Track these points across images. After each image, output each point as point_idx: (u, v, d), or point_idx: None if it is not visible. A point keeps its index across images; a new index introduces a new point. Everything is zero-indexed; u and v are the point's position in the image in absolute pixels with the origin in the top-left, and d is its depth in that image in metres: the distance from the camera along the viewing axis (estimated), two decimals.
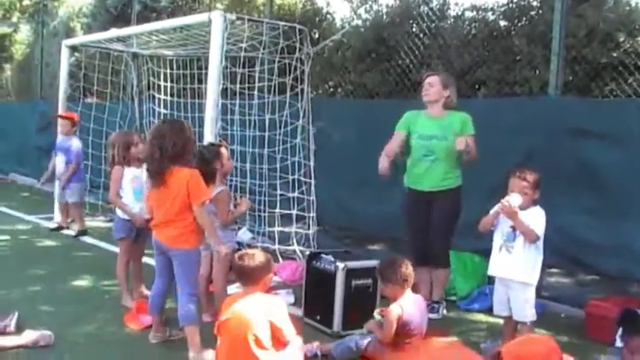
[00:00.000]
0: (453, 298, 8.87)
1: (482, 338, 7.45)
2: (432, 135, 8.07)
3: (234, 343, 5.50)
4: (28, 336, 6.91)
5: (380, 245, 11.47)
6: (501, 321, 7.09)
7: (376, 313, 6.86)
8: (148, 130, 13.19)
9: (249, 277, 5.72)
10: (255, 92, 10.69)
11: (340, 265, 7.29)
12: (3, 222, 13.96)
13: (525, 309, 6.67)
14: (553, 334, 7.49)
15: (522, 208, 6.52)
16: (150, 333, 7.18)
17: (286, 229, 10.61)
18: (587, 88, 10.64)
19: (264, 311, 5.52)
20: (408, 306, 6.59)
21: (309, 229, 10.37)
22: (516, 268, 6.60)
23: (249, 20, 9.95)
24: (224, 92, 10.13)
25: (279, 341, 5.58)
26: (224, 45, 9.30)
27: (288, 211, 10.57)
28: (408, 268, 6.68)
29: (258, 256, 5.78)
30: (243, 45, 9.85)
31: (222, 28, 9.29)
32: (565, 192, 8.66)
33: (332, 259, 7.48)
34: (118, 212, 8.46)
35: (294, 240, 10.42)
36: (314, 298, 7.72)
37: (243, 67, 10.55)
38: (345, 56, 14.01)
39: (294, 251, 10.24)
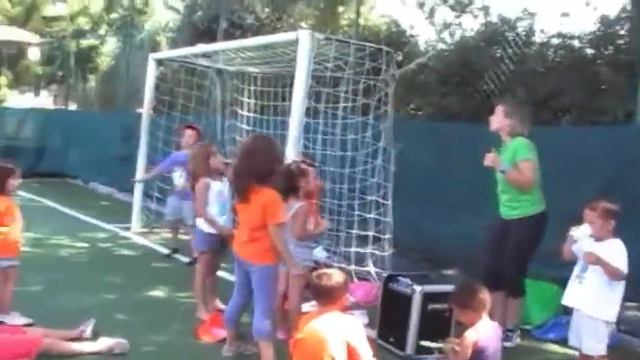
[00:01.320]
0: (528, 326, 8.73)
1: None
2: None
3: None
4: (104, 343, 7.04)
5: (455, 269, 11.35)
6: (576, 352, 6.94)
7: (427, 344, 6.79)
8: (228, 145, 13.34)
9: (326, 296, 5.69)
10: (339, 112, 10.67)
11: (417, 288, 7.28)
12: (82, 229, 14.18)
13: (591, 342, 6.53)
14: None
15: (597, 239, 6.43)
16: (223, 346, 7.22)
17: (362, 250, 10.56)
18: None
19: (341, 331, 5.49)
20: (485, 332, 6.51)
21: (385, 250, 10.31)
22: (586, 300, 6.50)
23: (336, 40, 9.96)
24: (308, 111, 10.17)
25: None
26: (310, 64, 9.35)
27: (365, 232, 10.52)
28: (485, 294, 6.60)
29: (335, 276, 5.75)
30: (329, 65, 9.85)
31: (309, 47, 9.35)
32: None
33: (409, 282, 7.47)
34: (201, 225, 8.52)
35: (370, 261, 10.37)
36: (389, 320, 7.69)
37: (328, 86, 10.56)
38: (428, 79, 13.98)
39: (369, 272, 10.18)
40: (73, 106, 29.49)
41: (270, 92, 12.89)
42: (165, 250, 12.21)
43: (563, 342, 7.93)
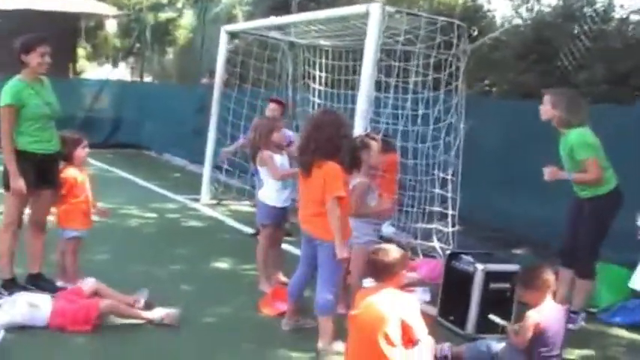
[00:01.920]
0: (594, 310, 8.51)
1: (621, 354, 7.14)
2: (561, 154, 7.88)
3: (363, 338, 5.43)
4: (157, 313, 7.10)
5: (524, 249, 11.13)
6: None
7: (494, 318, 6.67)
8: (299, 119, 13.30)
9: (382, 272, 5.61)
10: (410, 86, 10.51)
11: (480, 266, 7.14)
12: (152, 200, 14.32)
13: None
14: None
15: None
16: (283, 319, 7.21)
17: (428, 226, 10.45)
18: None
19: (397, 308, 5.41)
20: (547, 313, 6.39)
21: (452, 227, 10.18)
22: None
23: (407, 14, 9.82)
24: (378, 85, 10.06)
25: (409, 339, 5.44)
26: (380, 37, 9.25)
27: (432, 208, 10.41)
28: (550, 275, 6.47)
29: (392, 252, 5.66)
30: (400, 38, 9.73)
31: (379, 20, 9.24)
32: None
33: (472, 259, 7.33)
34: (263, 199, 8.49)
35: (435, 238, 10.25)
36: (450, 298, 7.58)
37: (399, 60, 10.42)
38: (504, 55, 13.75)
39: (434, 249, 10.07)
40: (149, 79, 29.72)
41: (341, 66, 12.78)
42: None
43: (631, 327, 7.81)
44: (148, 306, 7.28)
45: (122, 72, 31.60)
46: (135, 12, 29.09)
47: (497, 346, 6.51)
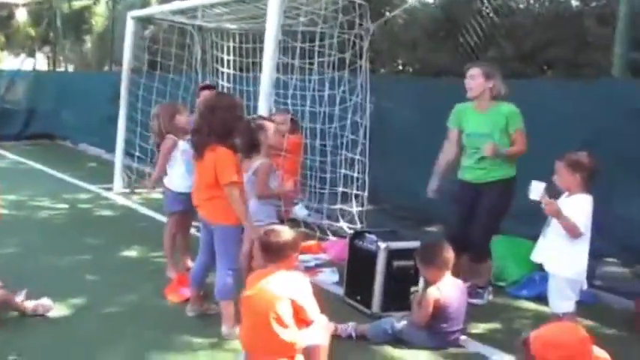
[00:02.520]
0: (503, 283, 8.58)
1: (526, 327, 7.15)
2: (480, 133, 7.69)
3: (256, 320, 5.39)
4: (29, 303, 6.96)
5: (438, 227, 11.17)
6: (548, 309, 6.77)
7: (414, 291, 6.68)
8: None
9: (274, 253, 5.57)
10: (314, 67, 10.47)
11: (382, 245, 7.12)
12: (65, 191, 14.06)
13: (556, 299, 6.33)
14: (602, 326, 7.32)
15: (567, 193, 6.24)
16: (187, 306, 7.16)
17: (338, 207, 10.43)
18: None
19: (287, 289, 5.38)
20: (447, 289, 6.43)
21: (361, 207, 10.17)
22: (547, 254, 6.33)
23: None
24: (283, 66, 10.00)
25: (302, 320, 5.44)
26: (281, 18, 9.16)
27: (340, 189, 10.38)
28: (448, 252, 6.51)
29: (284, 233, 5.63)
30: (302, 19, 9.67)
31: (280, 0, 9.13)
32: (627, 178, 8.34)
33: (375, 238, 7.31)
34: (169, 185, 8.37)
35: (343, 218, 10.24)
36: (355, 278, 7.56)
37: (303, 41, 10.37)
38: (415, 34, 13.76)
39: (342, 229, 10.06)
40: (69, 68, 29.24)
41: (248, 48, 12.73)
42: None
43: (537, 299, 7.87)
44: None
45: (40, 62, 30.97)
46: (46, 0, 28.51)
47: (400, 323, 6.54)
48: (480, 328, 7.13)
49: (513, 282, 8.55)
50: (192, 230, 8.85)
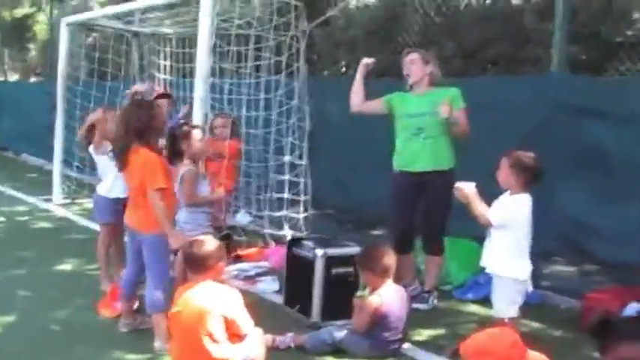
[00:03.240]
0: (449, 287, 8.42)
1: (470, 331, 6.98)
2: (422, 112, 7.53)
3: (186, 337, 5.19)
4: None
5: (383, 229, 10.96)
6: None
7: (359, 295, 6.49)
8: None
9: (198, 265, 5.38)
10: (248, 71, 10.30)
11: (319, 252, 6.91)
12: (3, 203, 13.72)
13: (499, 304, 6.15)
14: (548, 327, 7.23)
15: (510, 192, 6.09)
16: (120, 321, 6.91)
17: (281, 213, 10.24)
18: (603, 68, 10.15)
19: (216, 303, 5.18)
20: (388, 297, 6.26)
21: (304, 212, 9.99)
22: (489, 256, 6.17)
23: None
24: (220, 71, 9.83)
25: (234, 334, 5.23)
26: (214, 22, 8.96)
27: (282, 195, 10.19)
28: (390, 258, 6.33)
29: (208, 244, 5.44)
30: (236, 22, 9.46)
31: (212, 3, 8.93)
32: (568, 175, 8.22)
33: (312, 245, 7.11)
34: (100, 191, 8.11)
35: (286, 225, 10.05)
36: (294, 286, 7.34)
37: (238, 45, 10.19)
38: (355, 34, 13.59)
39: (285, 236, 9.85)
40: (14, 77, 28.91)
41: (185, 53, 12.48)
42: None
43: (482, 302, 7.70)
44: None
45: None
46: None
47: (340, 333, 6.36)
48: (423, 334, 6.97)
49: (459, 285, 8.40)
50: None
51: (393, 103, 7.87)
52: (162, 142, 6.98)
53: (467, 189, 5.99)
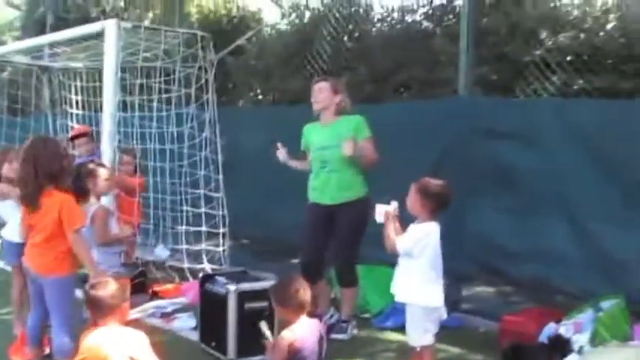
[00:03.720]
0: (368, 315, 8.35)
1: (389, 359, 6.95)
2: (325, 145, 7.60)
3: None
4: None
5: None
6: None
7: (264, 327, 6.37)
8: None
9: (102, 307, 5.18)
10: (154, 104, 10.20)
11: (232, 287, 6.81)
12: None
13: (413, 332, 6.10)
14: (468, 352, 7.18)
15: (418, 219, 6.05)
16: None
17: (198, 247, 10.07)
18: (511, 88, 10.24)
19: (124, 346, 5.01)
20: (302, 332, 6.12)
21: (222, 245, 9.85)
22: (399, 285, 6.13)
23: (146, 29, 9.38)
24: (125, 104, 9.69)
25: None
26: (119, 55, 8.83)
27: (197, 228, 10.04)
28: (304, 292, 6.19)
29: (110, 285, 5.26)
30: (144, 54, 9.32)
31: (116, 37, 8.78)
32: (479, 195, 8.37)
33: (224, 280, 7.00)
34: (5, 235, 7.88)
35: (205, 258, 9.89)
36: (209, 323, 7.21)
37: (148, 77, 10.07)
38: (268, 62, 13.57)
39: (204, 270, 9.68)
40: None
41: (96, 87, 12.20)
42: None
43: (401, 329, 7.56)
44: None
45: None
46: None
47: None
48: None
49: (378, 312, 8.32)
50: None
51: (307, 137, 7.92)
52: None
53: (388, 208, 5.98)
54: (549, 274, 8.00)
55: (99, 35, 9.34)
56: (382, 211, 6.05)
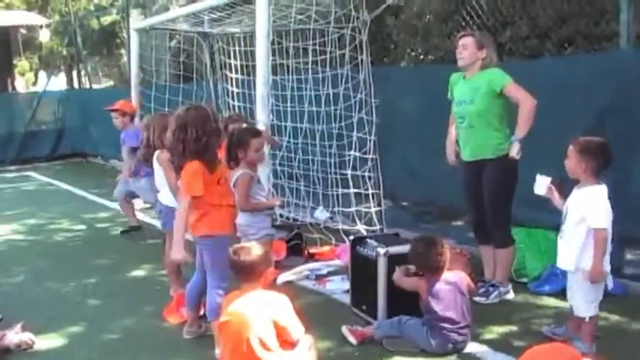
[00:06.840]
0: (525, 279, 8.05)
1: (546, 326, 6.66)
2: (461, 99, 7.45)
3: (236, 346, 5.01)
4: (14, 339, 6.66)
5: (464, 220, 10.61)
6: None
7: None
8: (224, 110, 12.88)
9: (246, 272, 5.21)
10: (309, 66, 10.13)
11: (381, 250, 6.65)
12: (86, 211, 13.89)
13: (579, 302, 5.91)
14: (630, 319, 6.82)
15: (577, 184, 5.82)
16: (184, 328, 6.81)
17: (353, 209, 10.02)
18: None
19: (267, 310, 5.03)
20: (442, 284, 6.07)
21: (378, 206, 9.75)
22: (564, 255, 5.90)
23: None
24: (281, 68, 9.69)
25: (286, 341, 5.08)
26: (270, 19, 8.82)
27: (352, 190, 9.99)
28: (443, 252, 6.07)
29: (254, 250, 5.26)
30: (295, 17, 9.31)
31: (267, 1, 8.79)
32: None
33: (375, 243, 6.86)
34: (164, 201, 7.95)
35: (360, 220, 9.83)
36: (360, 287, 7.10)
37: (299, 41, 10.05)
38: (428, 21, 13.32)
39: (358, 232, 9.62)
40: (109, 83, 29.29)
41: (253, 51, 12.27)
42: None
43: (559, 295, 7.32)
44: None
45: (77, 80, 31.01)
46: (66, 20, 28.36)
47: (407, 318, 6.27)
48: (493, 332, 6.63)
49: (534, 277, 8.02)
50: None
51: (451, 88, 7.79)
52: None
53: (547, 180, 5.98)
54: None
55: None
56: (542, 183, 5.86)
